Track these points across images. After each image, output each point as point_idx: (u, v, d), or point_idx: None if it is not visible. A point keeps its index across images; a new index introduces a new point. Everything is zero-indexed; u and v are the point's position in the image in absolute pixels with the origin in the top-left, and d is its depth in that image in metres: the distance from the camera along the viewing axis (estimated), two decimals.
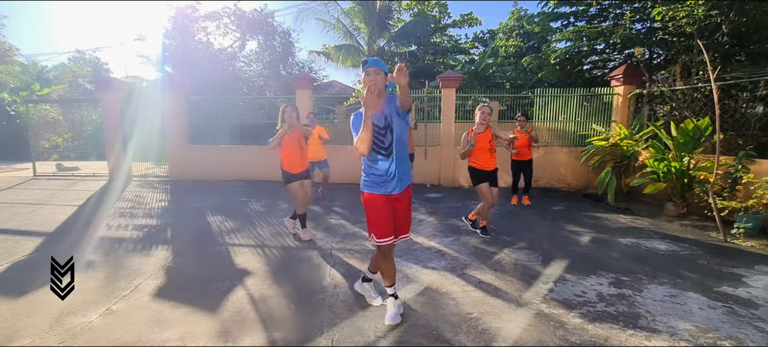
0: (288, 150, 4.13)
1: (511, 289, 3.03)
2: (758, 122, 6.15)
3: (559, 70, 11.67)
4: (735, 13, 6.93)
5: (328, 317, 2.60)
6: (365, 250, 3.94)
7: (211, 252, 3.94)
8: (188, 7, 12.60)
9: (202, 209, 5.85)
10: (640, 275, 3.32)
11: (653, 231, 4.76)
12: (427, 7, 18.82)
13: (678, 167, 5.34)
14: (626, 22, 9.66)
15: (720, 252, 3.98)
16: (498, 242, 4.26)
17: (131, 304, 2.79)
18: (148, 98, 9.51)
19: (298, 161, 4.17)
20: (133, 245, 4.14)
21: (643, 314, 2.64)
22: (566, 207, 6.17)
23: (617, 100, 7.47)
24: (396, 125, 2.35)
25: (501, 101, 10.35)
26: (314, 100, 8.88)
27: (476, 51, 19.70)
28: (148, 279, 3.23)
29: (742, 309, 2.71)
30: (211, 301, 2.82)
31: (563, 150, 7.85)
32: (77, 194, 7.31)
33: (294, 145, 4.11)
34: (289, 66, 14.64)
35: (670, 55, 9.18)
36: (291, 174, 4.17)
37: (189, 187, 7.98)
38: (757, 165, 4.95)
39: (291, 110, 4.09)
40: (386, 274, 2.57)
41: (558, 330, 2.43)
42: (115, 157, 8.89)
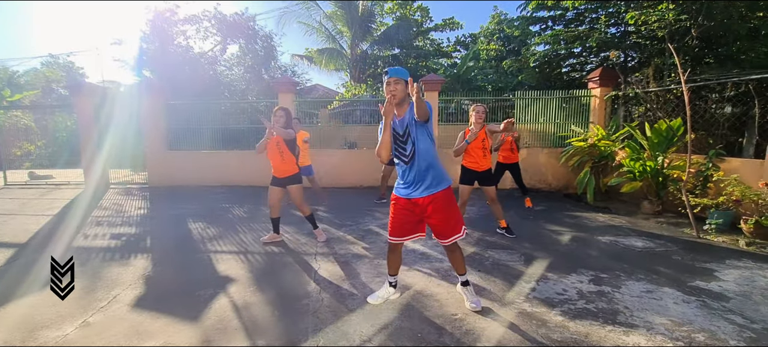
0: (269, 155, 4.10)
1: (494, 289, 3.07)
2: (727, 121, 6.43)
3: (539, 73, 11.95)
4: (703, 18, 7.23)
5: (312, 322, 2.58)
6: (351, 254, 3.93)
7: (192, 260, 3.86)
8: (167, 11, 12.36)
9: (183, 216, 5.73)
10: (618, 272, 3.42)
11: (630, 229, 4.90)
12: (410, 12, 18.96)
13: (653, 166, 5.53)
14: (601, 27, 9.97)
15: (693, 248, 4.13)
16: (482, 243, 4.31)
17: (109, 316, 2.71)
18: (125, 102, 9.25)
19: (276, 166, 4.12)
20: (111, 255, 4.02)
21: (621, 310, 2.71)
22: (548, 207, 6.30)
23: (594, 102, 7.68)
24: (415, 133, 2.44)
25: (483, 103, 10.50)
26: (297, 104, 8.83)
27: (458, 54, 19.94)
28: (126, 289, 3.14)
29: (714, 303, 2.82)
30: (192, 310, 2.77)
31: (544, 151, 8.02)
32: (51, 203, 7.06)
33: (273, 150, 4.06)
34: (271, 70, 14.53)
35: (643, 58, 9.51)
36: (272, 177, 4.15)
37: (169, 194, 7.80)
38: (727, 163, 5.17)
39: (281, 113, 4.02)
40: (390, 265, 2.77)
41: (540, 328, 2.48)
42: (90, 164, 8.61)
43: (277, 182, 4.14)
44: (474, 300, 2.73)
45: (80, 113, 8.71)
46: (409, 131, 2.44)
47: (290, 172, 4.14)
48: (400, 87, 2.40)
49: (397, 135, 2.46)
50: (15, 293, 3.07)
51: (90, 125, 8.66)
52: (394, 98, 2.35)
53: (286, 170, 4.13)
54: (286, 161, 4.10)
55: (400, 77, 2.40)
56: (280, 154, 4.06)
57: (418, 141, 2.44)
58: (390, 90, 2.37)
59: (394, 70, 2.41)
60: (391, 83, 2.38)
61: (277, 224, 4.33)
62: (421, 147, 2.44)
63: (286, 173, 4.13)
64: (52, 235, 4.87)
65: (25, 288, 3.17)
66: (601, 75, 7.41)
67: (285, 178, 4.14)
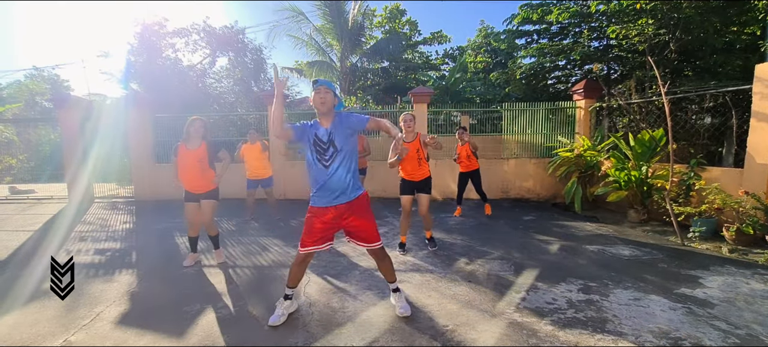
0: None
1: (485, 300, 3.08)
2: (706, 132, 6.62)
3: (525, 85, 12.18)
4: (680, 32, 7.49)
5: (302, 337, 2.54)
6: (340, 266, 3.90)
7: (178, 275, 3.78)
8: (155, 24, 12.31)
9: (170, 230, 5.63)
10: (607, 280, 3.46)
11: (617, 237, 4.97)
12: (399, 25, 19.23)
13: (637, 175, 5.64)
14: (585, 40, 10.24)
15: (678, 255, 4.21)
16: (471, 253, 4.32)
17: (92, 334, 2.63)
18: (111, 116, 9.13)
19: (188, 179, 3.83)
20: (95, 271, 3.92)
21: (610, 318, 2.74)
22: (536, 217, 6.36)
23: (580, 113, 7.84)
24: (339, 143, 2.55)
25: (471, 114, 10.63)
26: (287, 116, 8.82)
27: (446, 67, 20.26)
28: (110, 306, 3.06)
29: (699, 309, 2.87)
30: (178, 326, 2.71)
31: (531, 162, 8.12)
32: (33, 218, 6.88)
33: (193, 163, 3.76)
34: (261, 82, 14.50)
35: (625, 71, 9.78)
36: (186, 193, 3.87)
37: (155, 207, 7.67)
38: (708, 172, 5.30)
39: (199, 124, 3.82)
40: (293, 277, 2.76)
41: (531, 338, 2.49)
42: (75, 178, 8.43)
43: (187, 197, 3.88)
44: (403, 305, 2.82)
45: (65, 127, 8.57)
46: (332, 140, 2.54)
47: (200, 189, 3.85)
48: (330, 97, 2.56)
49: (319, 143, 2.55)
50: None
51: (75, 138, 8.51)
52: (323, 105, 2.53)
53: (196, 187, 3.84)
54: (204, 176, 3.84)
55: (330, 88, 2.58)
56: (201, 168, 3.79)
57: (340, 151, 2.54)
58: (320, 98, 2.53)
59: (323, 81, 2.59)
60: (321, 91, 2.54)
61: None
62: (342, 157, 2.55)
63: (196, 189, 3.85)
64: (34, 252, 4.74)
65: (5, 308, 3.07)
66: (585, 87, 7.59)
67: (198, 193, 3.86)
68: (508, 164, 8.16)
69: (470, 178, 6.32)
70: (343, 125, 2.57)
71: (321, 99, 2.52)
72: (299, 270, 2.72)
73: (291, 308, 2.82)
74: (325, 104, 2.53)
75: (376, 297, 3.13)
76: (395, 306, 2.85)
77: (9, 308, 3.06)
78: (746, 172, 4.79)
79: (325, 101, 2.53)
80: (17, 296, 3.29)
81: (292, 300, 2.82)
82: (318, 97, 2.53)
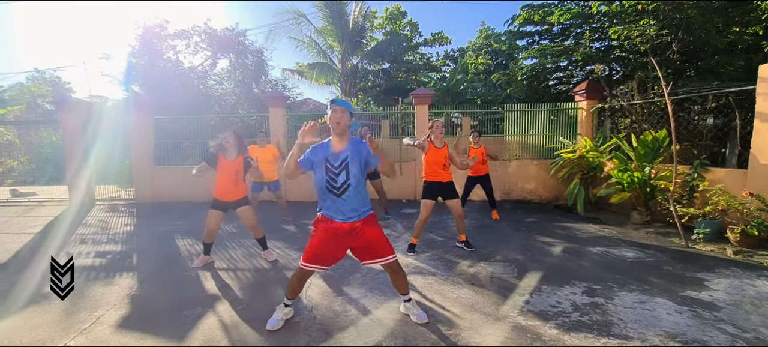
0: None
1: (488, 303, 3.05)
2: (709, 132, 6.59)
3: (527, 86, 12.15)
4: (683, 33, 7.46)
5: (304, 340, 2.52)
6: (341, 270, 3.87)
7: (180, 278, 3.76)
8: (156, 26, 12.33)
9: (171, 233, 5.61)
10: (611, 283, 3.43)
11: (621, 239, 4.94)
12: (399, 27, 19.23)
13: (640, 176, 5.61)
14: (586, 41, 10.22)
15: (683, 257, 4.17)
16: (474, 255, 4.29)
17: (92, 338, 2.61)
18: (112, 118, 9.13)
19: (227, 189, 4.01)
20: (95, 274, 3.90)
21: (615, 322, 2.71)
22: (539, 219, 6.33)
23: (581, 114, 7.81)
24: (352, 169, 2.49)
25: (472, 116, 10.61)
26: (288, 118, 8.81)
27: (447, 68, 20.25)
28: (110, 310, 3.04)
29: (705, 312, 2.83)
30: (179, 330, 2.68)
31: (533, 163, 8.10)
32: (33, 220, 6.86)
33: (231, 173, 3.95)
34: (262, 84, 14.53)
35: (627, 72, 9.75)
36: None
37: (156, 210, 7.66)
38: (711, 173, 5.27)
39: (232, 137, 3.93)
40: (293, 290, 2.71)
41: (535, 341, 2.46)
42: (75, 180, 8.42)
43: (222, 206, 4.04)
44: (419, 313, 2.75)
45: (66, 129, 8.57)
46: (346, 166, 2.48)
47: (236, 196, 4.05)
48: (345, 117, 2.48)
49: (331, 167, 2.49)
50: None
51: (76, 140, 8.50)
52: (338, 126, 2.45)
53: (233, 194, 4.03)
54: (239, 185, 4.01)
55: (346, 108, 2.50)
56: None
57: (351, 176, 2.49)
58: (336, 118, 2.46)
59: (341, 101, 2.51)
60: (338, 112, 2.47)
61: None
62: (353, 181, 2.50)
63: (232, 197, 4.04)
64: (34, 254, 4.72)
65: (4, 311, 3.05)
66: (587, 88, 7.56)
67: (233, 201, 4.06)
68: (510, 166, 8.13)
69: (479, 183, 6.20)
70: (359, 156, 2.52)
71: (337, 119, 2.45)
72: (299, 284, 2.68)
73: (289, 315, 2.79)
74: (340, 125, 2.46)
75: (379, 300, 3.10)
76: (410, 314, 2.77)
77: (9, 311, 3.04)
78: (750, 173, 4.76)
79: (341, 122, 2.46)
80: (18, 299, 3.27)
81: (291, 308, 2.81)
82: (334, 117, 2.46)
